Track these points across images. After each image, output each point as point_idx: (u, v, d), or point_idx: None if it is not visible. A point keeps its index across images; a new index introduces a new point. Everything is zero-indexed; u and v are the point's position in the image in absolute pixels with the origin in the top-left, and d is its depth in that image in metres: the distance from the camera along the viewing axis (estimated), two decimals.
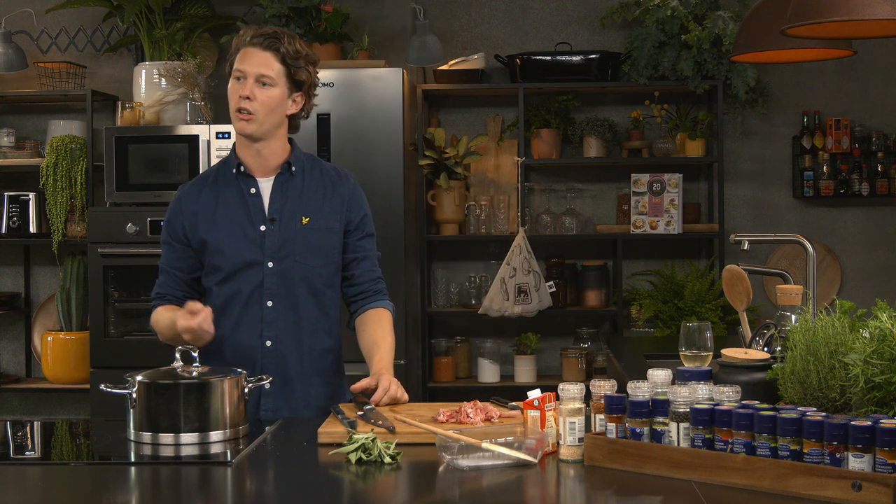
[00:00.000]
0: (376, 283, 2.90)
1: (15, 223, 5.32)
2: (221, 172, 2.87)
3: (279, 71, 2.74)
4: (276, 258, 2.77)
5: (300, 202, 2.81)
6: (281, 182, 2.82)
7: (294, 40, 2.77)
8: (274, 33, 2.75)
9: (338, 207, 2.84)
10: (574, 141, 5.44)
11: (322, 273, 2.81)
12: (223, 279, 2.79)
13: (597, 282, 5.39)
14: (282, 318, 2.78)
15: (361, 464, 2.14)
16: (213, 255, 2.79)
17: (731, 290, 2.98)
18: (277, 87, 2.74)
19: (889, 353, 1.99)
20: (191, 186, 2.88)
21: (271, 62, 2.73)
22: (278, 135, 2.82)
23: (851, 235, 5.54)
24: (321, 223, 2.81)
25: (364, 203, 2.91)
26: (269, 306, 2.78)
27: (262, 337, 2.78)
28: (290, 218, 2.79)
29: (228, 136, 4.93)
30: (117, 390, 2.40)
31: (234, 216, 2.79)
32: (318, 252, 2.80)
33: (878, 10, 2.66)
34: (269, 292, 2.78)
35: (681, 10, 5.07)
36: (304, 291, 2.79)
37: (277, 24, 5.16)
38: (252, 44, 2.74)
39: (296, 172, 2.83)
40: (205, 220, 2.80)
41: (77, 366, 5.25)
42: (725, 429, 1.98)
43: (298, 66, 2.76)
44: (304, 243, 2.79)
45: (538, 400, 2.22)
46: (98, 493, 2.09)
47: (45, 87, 5.40)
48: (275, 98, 2.75)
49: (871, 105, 5.51)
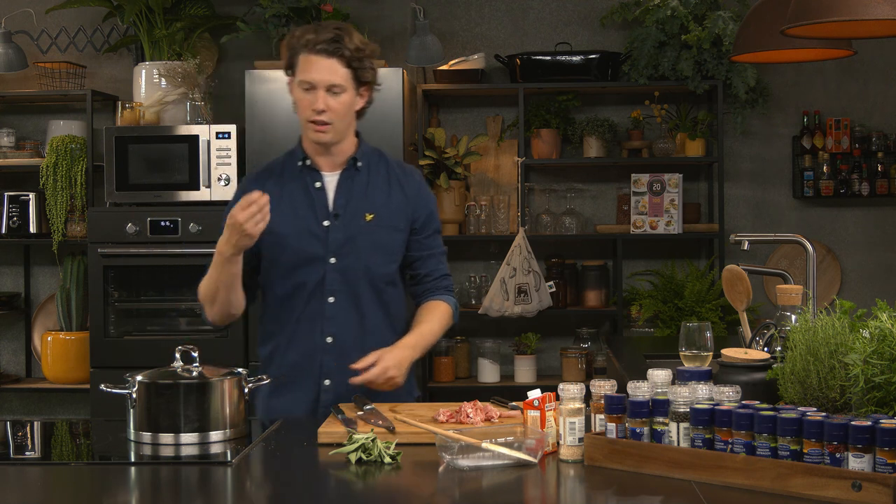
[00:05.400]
0: (442, 281, 2.89)
1: (15, 223, 5.32)
2: (287, 164, 2.85)
3: (346, 76, 2.71)
4: (339, 254, 2.76)
5: (365, 198, 2.79)
6: (346, 177, 2.80)
7: (353, 37, 2.73)
8: (335, 37, 2.70)
9: (402, 205, 2.82)
10: (574, 141, 5.44)
11: (384, 270, 2.79)
12: (284, 273, 2.78)
13: (597, 282, 5.39)
14: (343, 315, 2.76)
15: (361, 464, 2.14)
16: (275, 248, 2.77)
17: (731, 290, 2.98)
18: (347, 92, 2.73)
19: (889, 353, 1.99)
20: (256, 176, 2.86)
21: (338, 69, 2.70)
22: (349, 133, 2.81)
23: (851, 235, 5.54)
24: (385, 220, 2.79)
25: (430, 200, 2.89)
26: (331, 302, 2.76)
27: (324, 333, 2.76)
28: (354, 214, 2.78)
29: (228, 136, 4.93)
30: (117, 390, 2.40)
31: (298, 210, 2.78)
32: (381, 249, 2.79)
33: (878, 10, 2.66)
34: (331, 288, 2.76)
35: (681, 10, 5.07)
36: (366, 288, 2.77)
37: (277, 24, 5.16)
38: (316, 52, 2.70)
39: (361, 168, 2.82)
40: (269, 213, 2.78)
41: (77, 366, 5.25)
42: (725, 429, 1.98)
43: (363, 65, 2.74)
44: (367, 240, 2.77)
45: (538, 400, 2.22)
46: (98, 493, 2.09)
47: (45, 87, 5.40)
48: (346, 103, 2.73)
49: (871, 105, 5.51)
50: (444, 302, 2.87)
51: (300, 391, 2.77)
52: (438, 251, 2.89)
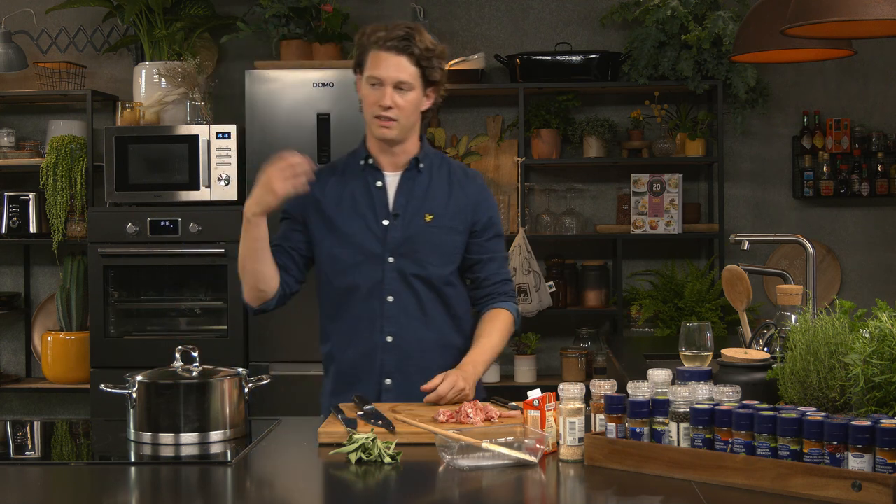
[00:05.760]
0: (502, 286, 2.86)
1: (15, 223, 5.32)
2: (350, 163, 2.85)
3: (414, 74, 2.72)
4: (397, 254, 2.75)
5: (425, 199, 2.79)
6: (407, 178, 2.80)
7: (423, 36, 2.74)
8: (405, 35, 2.71)
9: (462, 207, 2.81)
10: (574, 141, 5.44)
11: (441, 271, 2.78)
12: (343, 271, 2.77)
13: (597, 282, 5.39)
14: (402, 314, 2.75)
15: (361, 464, 2.14)
16: (335, 246, 2.78)
17: (731, 290, 2.98)
18: (414, 90, 2.73)
19: (889, 353, 1.99)
20: (318, 173, 2.84)
21: (406, 66, 2.71)
22: (413, 132, 2.81)
23: (851, 235, 5.54)
24: (444, 222, 2.78)
25: (491, 204, 2.87)
26: (390, 301, 2.75)
27: (383, 332, 2.76)
28: (413, 214, 2.77)
29: (228, 136, 4.93)
30: (117, 390, 2.40)
31: (358, 208, 2.78)
32: (439, 251, 2.77)
33: (878, 10, 2.66)
34: (390, 287, 2.75)
35: (681, 10, 5.07)
36: (425, 288, 2.76)
37: (277, 24, 5.16)
38: (386, 48, 2.70)
39: (423, 169, 2.81)
40: (329, 209, 2.78)
41: (77, 366, 5.25)
42: (725, 429, 1.98)
43: (432, 65, 2.75)
44: (425, 241, 2.76)
45: (538, 400, 2.22)
46: (98, 493, 2.09)
47: (45, 87, 5.40)
48: (413, 101, 2.74)
49: (871, 105, 5.51)
50: (504, 310, 2.84)
51: (362, 390, 2.76)
52: (499, 255, 2.87)
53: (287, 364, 4.83)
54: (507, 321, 2.84)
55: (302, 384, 4.71)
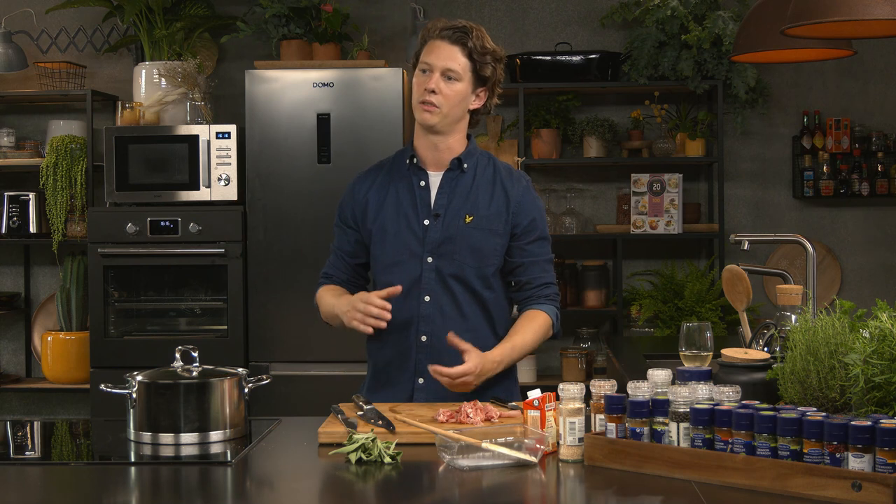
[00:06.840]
0: (544, 289, 2.83)
1: (15, 223, 5.32)
2: (396, 162, 2.85)
3: (465, 66, 2.72)
4: (436, 254, 2.75)
5: (466, 200, 2.77)
6: (450, 178, 2.79)
7: (483, 36, 2.74)
8: (463, 28, 2.72)
9: (504, 209, 2.78)
10: (574, 141, 5.44)
11: (478, 273, 2.76)
12: (383, 269, 2.78)
13: (597, 282, 5.39)
14: (438, 314, 2.75)
15: (361, 464, 2.14)
16: (376, 244, 2.79)
17: (731, 290, 2.98)
18: (462, 82, 2.72)
19: (889, 353, 1.99)
20: (366, 173, 2.87)
21: (458, 56, 2.71)
22: (457, 129, 2.79)
23: (851, 235, 5.55)
24: (484, 223, 2.76)
25: (535, 206, 2.83)
26: (427, 301, 2.75)
27: (419, 332, 2.75)
28: (454, 214, 2.76)
29: (228, 136, 4.93)
30: (117, 390, 2.41)
31: (401, 207, 2.78)
32: (478, 252, 2.75)
33: (878, 10, 2.66)
34: (427, 287, 2.75)
35: (681, 10, 5.07)
36: (462, 289, 2.75)
37: (277, 24, 5.16)
38: (441, 37, 2.72)
39: (467, 169, 2.80)
40: (374, 208, 2.80)
41: (77, 366, 5.25)
42: (725, 429, 1.98)
43: (485, 62, 2.73)
44: (464, 241, 2.75)
45: (538, 400, 2.22)
46: (98, 493, 2.09)
47: (45, 87, 5.40)
48: (459, 92, 2.72)
49: (871, 105, 5.52)
50: (543, 312, 2.81)
51: (396, 388, 2.77)
52: (542, 258, 2.83)
53: (287, 364, 4.83)
54: (545, 323, 2.81)
55: (302, 384, 4.71)
